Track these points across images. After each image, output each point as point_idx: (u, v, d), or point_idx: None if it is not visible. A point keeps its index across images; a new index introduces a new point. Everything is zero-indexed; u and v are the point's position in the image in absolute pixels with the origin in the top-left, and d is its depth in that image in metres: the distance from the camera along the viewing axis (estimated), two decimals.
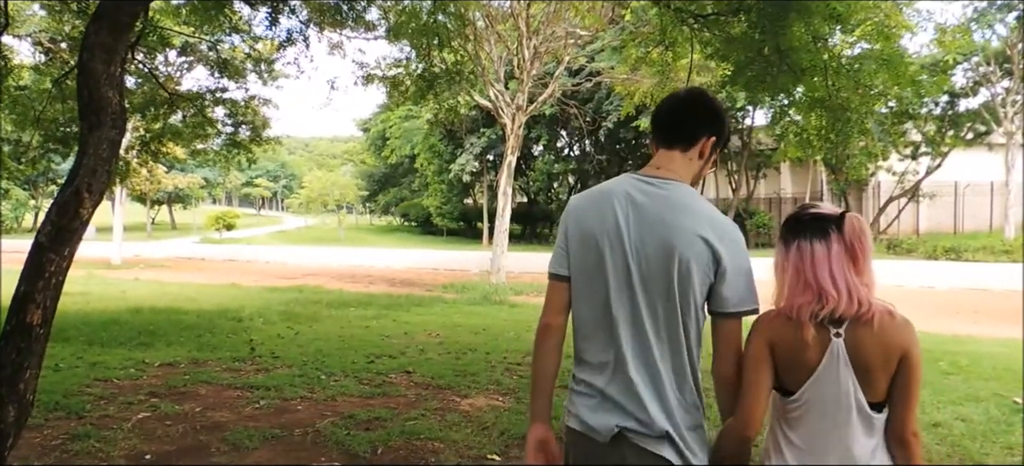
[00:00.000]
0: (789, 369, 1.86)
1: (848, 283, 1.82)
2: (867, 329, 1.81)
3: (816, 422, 1.84)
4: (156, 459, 4.56)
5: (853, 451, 1.81)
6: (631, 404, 1.90)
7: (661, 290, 1.91)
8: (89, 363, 7.09)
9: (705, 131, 2.05)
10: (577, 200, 2.11)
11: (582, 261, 2.01)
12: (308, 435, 5.05)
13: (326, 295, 14.29)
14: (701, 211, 1.95)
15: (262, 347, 8.08)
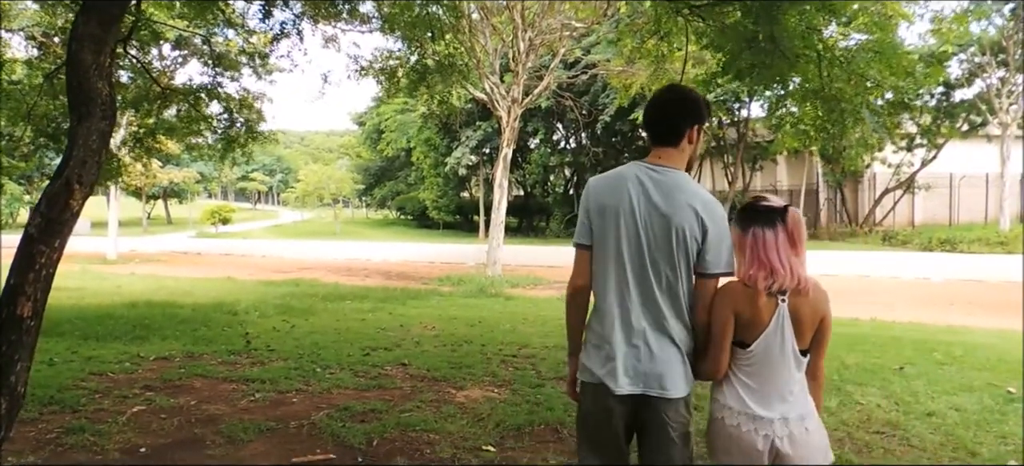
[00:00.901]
0: (746, 328, 2.44)
1: (791, 263, 2.41)
2: (803, 298, 2.43)
3: (765, 365, 2.44)
4: (151, 452, 4.56)
5: (789, 384, 2.44)
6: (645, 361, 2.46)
7: (665, 255, 2.47)
8: (84, 357, 7.08)
9: (689, 124, 2.56)
10: (596, 182, 2.62)
11: (601, 231, 2.53)
12: (303, 427, 5.06)
13: (322, 289, 14.27)
14: (694, 191, 2.50)
15: (257, 340, 8.07)
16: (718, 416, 2.49)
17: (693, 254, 2.47)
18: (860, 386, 6.26)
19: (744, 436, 2.42)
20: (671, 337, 2.47)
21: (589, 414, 2.57)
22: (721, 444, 2.48)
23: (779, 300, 2.41)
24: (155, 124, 9.24)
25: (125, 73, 9.67)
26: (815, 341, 2.49)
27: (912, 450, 4.74)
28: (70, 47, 2.62)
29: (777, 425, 2.41)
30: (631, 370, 2.47)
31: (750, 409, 2.43)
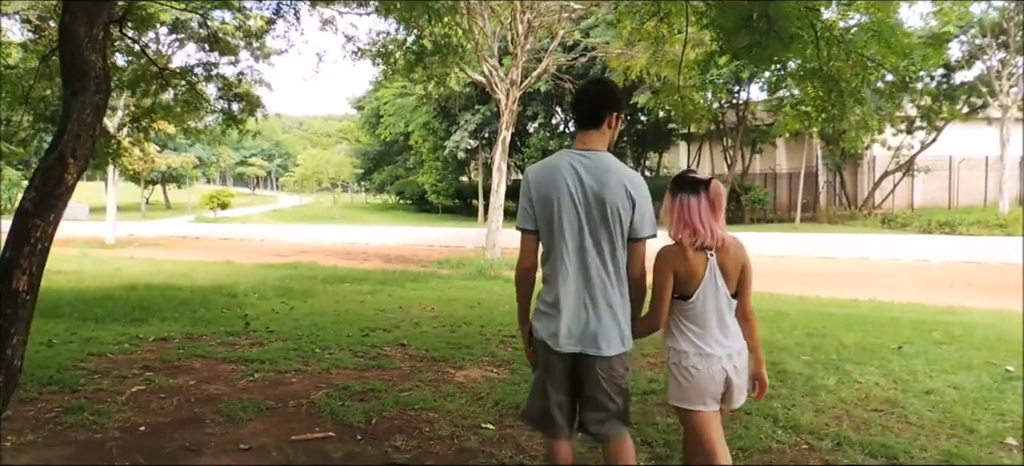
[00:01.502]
0: (685, 283, 2.90)
1: (711, 225, 2.88)
2: (725, 252, 2.91)
3: (705, 311, 2.90)
4: (150, 431, 4.56)
5: (726, 325, 2.91)
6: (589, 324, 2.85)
7: (603, 228, 2.84)
8: (83, 339, 7.07)
9: (609, 110, 2.95)
10: (534, 172, 2.97)
11: (544, 215, 2.89)
12: (302, 406, 5.06)
13: (321, 272, 14.27)
14: (621, 170, 2.89)
15: (256, 322, 8.07)
16: (675, 361, 2.95)
17: (626, 224, 2.86)
18: (859, 365, 6.27)
19: (702, 372, 2.89)
20: (609, 303, 2.86)
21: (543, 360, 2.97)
22: (683, 382, 2.93)
23: (708, 256, 2.90)
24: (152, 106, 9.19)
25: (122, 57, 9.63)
26: (740, 286, 2.98)
27: (910, 427, 4.75)
28: (63, 20, 2.60)
29: (725, 359, 2.90)
30: (572, 333, 2.86)
31: (701, 349, 2.90)
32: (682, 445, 3.23)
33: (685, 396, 2.92)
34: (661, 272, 2.91)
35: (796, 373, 6.01)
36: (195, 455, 4.16)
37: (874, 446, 4.35)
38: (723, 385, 2.91)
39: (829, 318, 8.54)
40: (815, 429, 4.65)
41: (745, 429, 4.62)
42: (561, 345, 2.86)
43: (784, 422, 4.76)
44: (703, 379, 2.88)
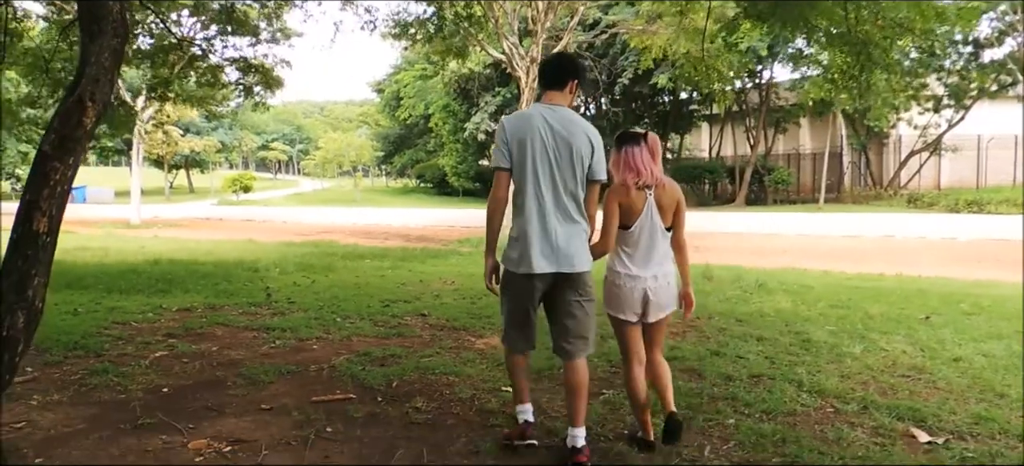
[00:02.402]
0: (627, 214, 3.54)
1: (650, 167, 3.51)
2: (662, 190, 3.55)
3: (641, 240, 3.55)
4: (173, 392, 4.59)
5: (657, 252, 3.56)
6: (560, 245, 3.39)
7: (568, 169, 3.41)
8: (107, 308, 7.15)
9: (570, 77, 3.55)
10: (509, 121, 3.51)
11: (519, 156, 3.40)
12: (323, 371, 5.07)
13: (341, 249, 14.33)
14: (582, 123, 3.49)
15: (278, 294, 8.11)
16: (610, 278, 3.64)
17: (586, 167, 3.44)
18: (885, 335, 6.18)
19: (626, 288, 3.57)
20: (577, 230, 3.45)
21: (518, 289, 3.49)
22: (612, 294, 3.63)
23: (647, 194, 3.52)
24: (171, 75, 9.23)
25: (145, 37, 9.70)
26: (675, 220, 3.62)
27: (938, 392, 4.66)
28: None
29: (648, 279, 3.55)
30: (548, 254, 3.38)
31: (631, 270, 3.56)
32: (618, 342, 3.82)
33: (613, 306, 3.64)
34: (610, 204, 3.54)
35: (821, 342, 5.92)
36: (217, 415, 4.17)
37: (901, 409, 4.28)
38: (641, 302, 3.56)
39: (854, 291, 8.42)
40: (841, 393, 4.58)
41: (769, 393, 4.56)
42: (538, 268, 3.37)
43: (809, 387, 4.70)
44: (626, 295, 3.57)
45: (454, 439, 3.81)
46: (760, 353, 5.55)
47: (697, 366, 5.17)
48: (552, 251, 3.37)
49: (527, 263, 3.37)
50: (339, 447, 3.72)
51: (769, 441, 3.77)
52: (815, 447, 3.68)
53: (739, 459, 3.60)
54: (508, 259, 3.47)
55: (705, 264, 10.48)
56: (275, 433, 3.88)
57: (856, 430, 3.97)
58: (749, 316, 7.00)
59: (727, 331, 6.33)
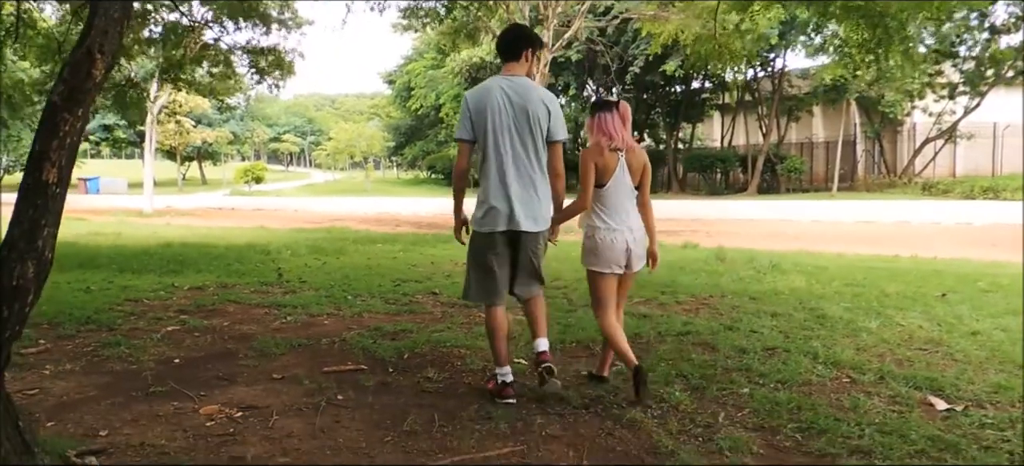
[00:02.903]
0: (602, 174, 3.85)
1: (621, 132, 3.87)
2: (632, 153, 3.92)
3: (614, 197, 3.88)
4: (184, 363, 4.60)
5: (628, 207, 3.90)
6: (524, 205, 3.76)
7: (528, 133, 3.76)
8: (120, 286, 7.17)
9: (526, 46, 3.89)
10: (471, 94, 3.86)
11: (481, 126, 3.78)
12: (335, 344, 5.06)
13: (353, 233, 14.34)
14: (539, 89, 3.85)
15: (289, 274, 8.11)
16: (590, 233, 3.93)
17: (544, 129, 3.79)
18: (900, 310, 6.11)
19: (607, 242, 3.86)
20: (537, 192, 3.80)
21: (483, 247, 3.87)
22: (595, 247, 3.90)
23: (619, 156, 3.87)
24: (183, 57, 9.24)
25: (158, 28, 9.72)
26: (641, 180, 3.98)
27: (956, 363, 4.60)
28: None
29: (626, 232, 3.88)
30: (508, 215, 3.75)
31: (610, 224, 3.88)
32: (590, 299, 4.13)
33: (593, 260, 3.93)
34: (586, 165, 3.85)
35: (836, 317, 5.86)
36: (228, 383, 4.17)
37: (918, 379, 4.22)
38: (625, 254, 3.87)
39: (869, 271, 8.34)
40: (856, 365, 4.53)
41: (783, 364, 4.52)
42: (502, 226, 3.76)
43: (824, 358, 4.64)
44: (608, 248, 3.86)
45: (466, 406, 3.79)
46: (774, 327, 5.50)
47: (710, 340, 5.12)
48: (512, 212, 3.75)
49: (491, 222, 3.79)
50: (350, 413, 3.70)
51: (784, 409, 3.73)
52: (831, 414, 3.63)
53: (754, 425, 3.56)
54: (474, 219, 3.87)
55: (718, 246, 10.40)
56: (286, 400, 3.87)
57: (873, 399, 3.92)
58: (762, 294, 6.94)
59: (740, 308, 6.28)
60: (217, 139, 52.40)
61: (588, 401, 3.86)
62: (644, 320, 5.75)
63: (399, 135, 56.20)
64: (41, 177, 2.41)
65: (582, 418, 3.66)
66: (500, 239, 3.80)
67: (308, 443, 3.29)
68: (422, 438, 3.38)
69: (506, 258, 3.87)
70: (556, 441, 3.36)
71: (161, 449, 3.17)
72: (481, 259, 3.90)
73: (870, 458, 3.17)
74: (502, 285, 3.90)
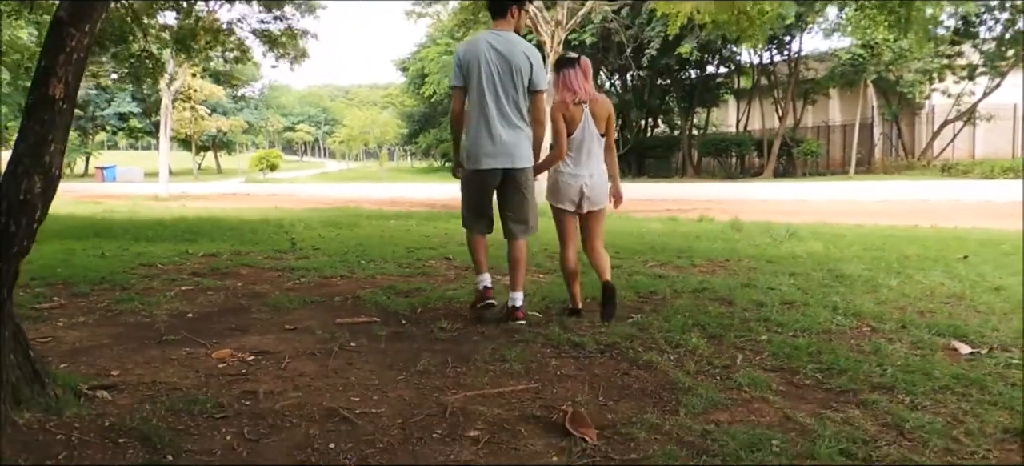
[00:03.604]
0: (570, 124, 4.28)
1: (584, 85, 4.29)
2: (596, 103, 4.32)
3: (580, 145, 4.30)
4: (197, 317, 4.58)
5: (592, 154, 4.32)
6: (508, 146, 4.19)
7: (510, 82, 4.18)
8: (134, 253, 7.18)
9: (511, 4, 4.25)
10: (461, 47, 4.33)
11: (469, 75, 4.20)
12: (348, 300, 5.03)
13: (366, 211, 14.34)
14: (522, 44, 4.24)
15: (303, 243, 8.08)
16: (554, 176, 4.41)
17: (526, 79, 4.19)
18: (922, 270, 6.00)
19: (566, 183, 4.35)
20: (520, 133, 4.24)
21: (471, 182, 4.36)
22: (555, 188, 4.40)
23: (584, 108, 4.28)
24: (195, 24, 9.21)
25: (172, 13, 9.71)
26: (607, 128, 4.39)
27: (979, 315, 4.51)
28: None
29: (585, 177, 4.33)
30: (493, 154, 4.20)
31: (571, 169, 4.33)
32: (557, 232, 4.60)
33: (555, 197, 4.44)
34: (555, 118, 4.30)
35: (855, 275, 5.77)
36: (241, 333, 4.15)
37: (941, 327, 4.14)
38: (578, 194, 4.35)
39: (888, 237, 8.23)
40: (877, 315, 4.45)
41: (802, 315, 4.45)
42: (491, 163, 4.21)
43: (844, 310, 4.57)
44: (566, 188, 4.36)
45: (480, 350, 3.74)
46: (792, 285, 5.42)
47: (727, 296, 5.05)
48: (496, 151, 4.19)
49: (476, 161, 4.24)
50: (363, 357, 3.67)
51: (804, 352, 3.66)
52: (851, 357, 3.56)
53: (772, 367, 3.49)
54: (464, 157, 4.34)
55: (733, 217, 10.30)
56: (299, 347, 3.84)
57: (894, 344, 3.85)
58: (780, 258, 6.84)
59: (757, 270, 6.19)
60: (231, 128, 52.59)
61: (603, 346, 3.81)
62: (660, 280, 5.69)
63: (413, 123, 56.16)
64: (47, 92, 2.37)
65: (597, 361, 3.61)
66: (486, 175, 4.26)
67: (320, 381, 3.26)
68: (435, 377, 3.34)
69: (490, 194, 4.35)
70: (571, 380, 3.31)
71: (173, 386, 3.14)
72: (469, 192, 4.39)
73: (893, 394, 3.10)
74: (488, 217, 4.42)
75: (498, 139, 4.17)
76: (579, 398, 3.05)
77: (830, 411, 2.90)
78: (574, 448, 2.53)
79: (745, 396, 3.09)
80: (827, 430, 2.66)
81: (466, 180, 4.38)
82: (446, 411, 2.89)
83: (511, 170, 4.22)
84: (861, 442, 2.57)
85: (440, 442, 2.61)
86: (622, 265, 6.47)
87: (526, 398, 3.07)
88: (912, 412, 2.87)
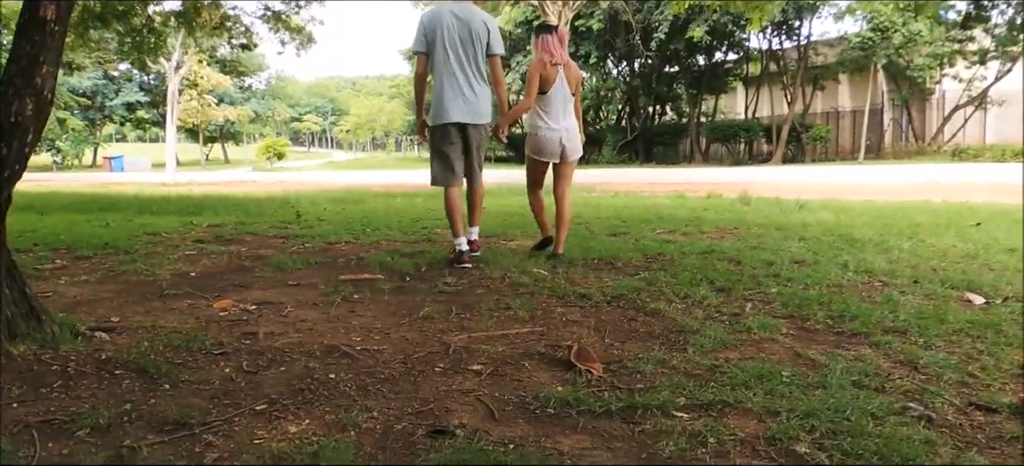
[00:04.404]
0: (545, 83, 4.78)
1: (559, 50, 4.83)
2: (568, 68, 4.88)
3: (554, 102, 4.83)
4: (200, 275, 4.53)
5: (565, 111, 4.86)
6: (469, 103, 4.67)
7: (470, 47, 4.64)
8: (139, 224, 7.15)
9: None
10: (425, 16, 4.75)
11: (432, 41, 4.65)
12: (352, 261, 4.99)
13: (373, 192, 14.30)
14: (480, 12, 4.70)
15: (308, 216, 8.04)
16: (533, 131, 4.95)
17: (485, 43, 4.71)
18: (934, 235, 5.91)
19: (545, 137, 4.90)
20: (480, 93, 4.71)
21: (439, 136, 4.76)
22: (536, 143, 4.95)
23: (558, 70, 4.82)
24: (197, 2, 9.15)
25: None
26: (576, 89, 4.97)
27: (993, 272, 4.43)
28: None
29: (562, 132, 4.90)
30: (456, 110, 4.66)
31: (550, 124, 4.87)
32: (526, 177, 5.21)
33: (537, 151, 4.98)
34: (531, 75, 4.83)
35: (866, 239, 5.69)
36: (244, 288, 4.10)
37: (954, 280, 4.06)
38: (559, 147, 4.92)
39: (899, 209, 8.12)
40: (889, 272, 4.37)
41: (813, 271, 4.37)
42: (456, 117, 4.67)
43: (855, 268, 4.49)
44: (546, 142, 4.91)
45: (484, 300, 3.69)
46: (802, 247, 5.34)
47: (736, 256, 4.97)
48: (460, 108, 4.66)
49: (441, 116, 4.69)
50: (366, 306, 3.62)
51: (814, 302, 3.59)
52: (863, 307, 3.48)
53: (782, 314, 3.43)
54: (430, 116, 4.81)
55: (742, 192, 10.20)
56: (301, 298, 3.81)
57: (907, 296, 3.77)
58: (789, 225, 6.75)
59: (766, 235, 6.11)
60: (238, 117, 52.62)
61: (610, 297, 3.76)
62: (667, 244, 5.62)
63: None
64: (38, 13, 2.32)
65: (604, 309, 3.55)
66: (451, 131, 4.71)
67: (322, 325, 3.22)
68: (438, 322, 3.29)
69: (458, 148, 4.75)
70: (577, 325, 3.26)
71: (173, 330, 3.10)
72: (437, 147, 4.79)
73: (906, 336, 3.03)
74: (457, 170, 4.79)
75: (462, 97, 4.65)
76: (585, 340, 2.99)
77: (842, 350, 2.84)
78: (579, 379, 2.48)
79: (754, 338, 3.03)
80: (838, 365, 2.60)
81: (433, 137, 4.79)
82: (449, 349, 2.84)
83: (474, 125, 4.72)
84: (874, 375, 2.51)
85: (442, 375, 2.56)
86: (629, 232, 6.41)
87: (531, 339, 3.02)
88: (925, 351, 2.81)
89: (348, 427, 2.06)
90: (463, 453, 1.86)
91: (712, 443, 1.95)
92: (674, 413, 2.17)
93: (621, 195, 12.26)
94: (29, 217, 7.41)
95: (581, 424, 2.11)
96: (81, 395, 2.27)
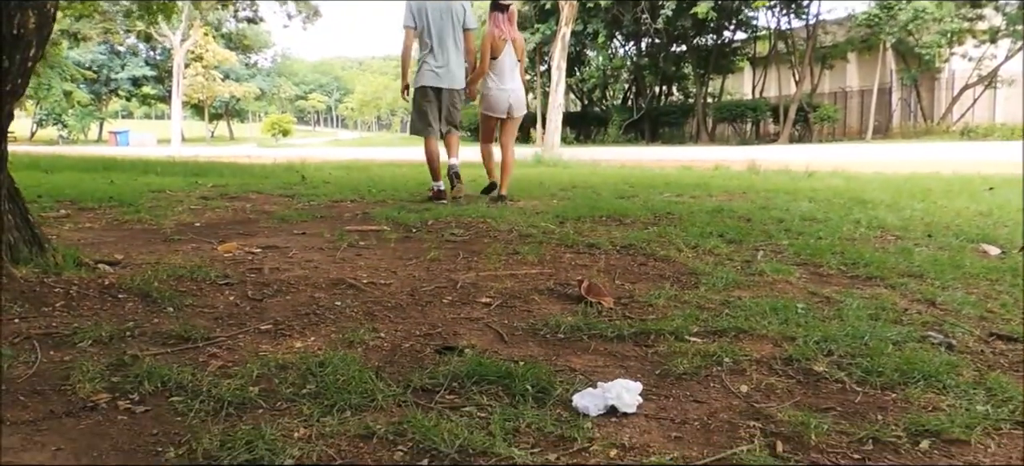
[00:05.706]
0: (494, 51, 5.69)
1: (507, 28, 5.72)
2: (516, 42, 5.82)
3: (503, 67, 5.72)
4: (204, 226, 4.49)
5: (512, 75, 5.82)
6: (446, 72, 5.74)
7: (449, 25, 5.70)
8: (143, 182, 7.11)
9: None
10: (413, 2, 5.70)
11: (421, 21, 5.66)
12: (357, 215, 4.94)
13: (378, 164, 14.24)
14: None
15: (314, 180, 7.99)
16: (486, 93, 5.75)
17: (461, 21, 5.74)
18: (946, 197, 5.84)
19: (496, 96, 5.71)
20: (455, 60, 5.71)
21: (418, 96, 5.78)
22: (488, 101, 5.76)
23: (507, 42, 5.64)
24: None
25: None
26: (520, 56, 5.82)
27: (1007, 228, 4.36)
28: None
29: (510, 93, 5.73)
30: (436, 75, 5.67)
31: (499, 85, 5.69)
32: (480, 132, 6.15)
33: (490, 108, 5.78)
34: (484, 46, 5.67)
35: (877, 201, 5.62)
36: (249, 236, 4.06)
37: (969, 234, 4.00)
38: (507, 104, 5.74)
39: (908, 178, 8.04)
40: (903, 227, 4.31)
41: (824, 226, 4.31)
42: (433, 83, 5.69)
43: (867, 224, 4.43)
44: (496, 100, 5.72)
45: (491, 247, 3.65)
46: (813, 207, 5.28)
47: (746, 214, 4.91)
48: (441, 74, 5.68)
49: (422, 80, 5.72)
50: (372, 251, 3.58)
51: (827, 251, 3.54)
52: (877, 256, 3.42)
53: (795, 262, 3.37)
54: (415, 78, 5.81)
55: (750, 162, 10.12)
56: (307, 244, 3.77)
57: (921, 248, 3.71)
58: (798, 190, 6.68)
59: (776, 198, 6.04)
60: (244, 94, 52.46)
61: (619, 247, 3.70)
62: (676, 204, 5.57)
63: None
64: None
65: (614, 256, 3.50)
66: (430, 92, 5.73)
67: (328, 265, 3.17)
68: (446, 264, 3.25)
69: (435, 106, 5.76)
70: (585, 269, 3.21)
71: (177, 266, 3.06)
72: (419, 104, 5.79)
73: (922, 279, 2.98)
74: (434, 123, 5.80)
75: (441, 66, 5.68)
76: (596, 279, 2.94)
77: (857, 290, 2.78)
78: (590, 310, 2.43)
79: (767, 280, 2.98)
80: (854, 302, 2.55)
81: (417, 96, 5.78)
82: (457, 285, 2.80)
83: (450, 89, 5.78)
84: (891, 309, 2.46)
85: (450, 306, 2.51)
86: (637, 196, 6.34)
87: (540, 279, 2.98)
88: (943, 291, 2.75)
89: (355, 344, 2.02)
90: (472, 365, 1.81)
91: (727, 362, 1.91)
92: (687, 338, 2.13)
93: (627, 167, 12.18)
94: (34, 174, 7.37)
95: (593, 346, 2.08)
96: (83, 313, 2.23)
